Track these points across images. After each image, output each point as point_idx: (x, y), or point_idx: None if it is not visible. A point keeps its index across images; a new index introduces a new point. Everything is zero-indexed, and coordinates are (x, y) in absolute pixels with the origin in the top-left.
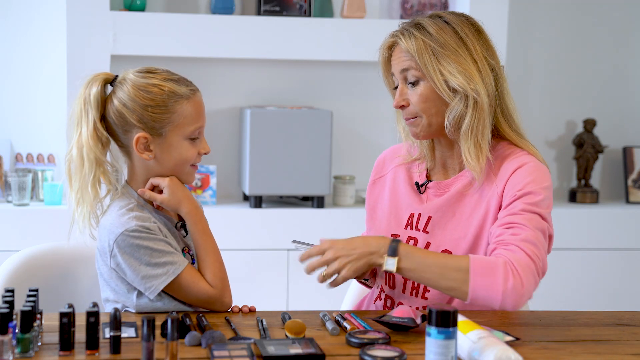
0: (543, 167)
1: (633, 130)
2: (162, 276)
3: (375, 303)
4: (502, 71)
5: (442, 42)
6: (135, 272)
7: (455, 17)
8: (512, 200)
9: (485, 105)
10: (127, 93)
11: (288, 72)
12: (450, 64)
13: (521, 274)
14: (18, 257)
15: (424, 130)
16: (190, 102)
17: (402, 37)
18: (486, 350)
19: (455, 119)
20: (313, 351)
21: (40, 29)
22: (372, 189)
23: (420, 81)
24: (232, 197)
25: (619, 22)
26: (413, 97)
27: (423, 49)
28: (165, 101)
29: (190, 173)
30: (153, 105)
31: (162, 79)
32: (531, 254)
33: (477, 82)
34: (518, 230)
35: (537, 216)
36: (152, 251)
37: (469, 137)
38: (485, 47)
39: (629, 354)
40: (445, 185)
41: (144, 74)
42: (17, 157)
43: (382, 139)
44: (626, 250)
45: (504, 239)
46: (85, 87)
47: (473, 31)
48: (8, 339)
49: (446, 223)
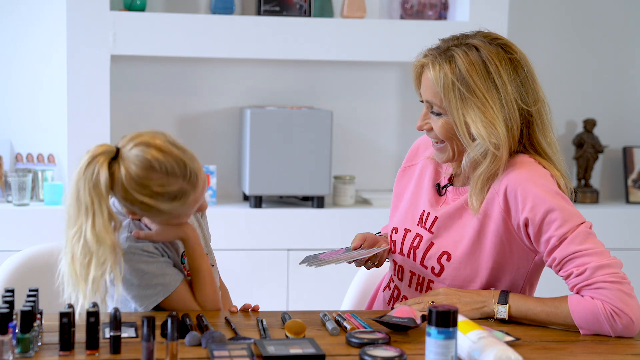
0: (538, 172)
1: (633, 130)
2: (153, 296)
3: (384, 292)
4: (542, 107)
5: (471, 85)
6: (128, 289)
7: (493, 48)
8: (538, 229)
9: (504, 155)
10: (134, 180)
11: (288, 72)
12: (475, 111)
13: (624, 309)
14: (18, 257)
15: (448, 157)
16: (195, 192)
17: (432, 66)
18: (486, 350)
19: (472, 161)
20: (313, 351)
21: (40, 29)
22: (402, 176)
23: (443, 115)
24: (232, 197)
25: (619, 22)
26: (435, 126)
27: (450, 89)
28: (173, 205)
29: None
30: (159, 211)
31: (169, 166)
32: (614, 278)
33: (500, 134)
34: (579, 260)
35: (573, 228)
36: (143, 274)
37: (479, 181)
38: (519, 88)
39: (629, 354)
40: (462, 191)
41: (147, 156)
42: (17, 157)
43: (382, 139)
44: (626, 250)
45: (579, 280)
46: (87, 169)
47: (510, 70)
48: (8, 339)
49: (451, 226)
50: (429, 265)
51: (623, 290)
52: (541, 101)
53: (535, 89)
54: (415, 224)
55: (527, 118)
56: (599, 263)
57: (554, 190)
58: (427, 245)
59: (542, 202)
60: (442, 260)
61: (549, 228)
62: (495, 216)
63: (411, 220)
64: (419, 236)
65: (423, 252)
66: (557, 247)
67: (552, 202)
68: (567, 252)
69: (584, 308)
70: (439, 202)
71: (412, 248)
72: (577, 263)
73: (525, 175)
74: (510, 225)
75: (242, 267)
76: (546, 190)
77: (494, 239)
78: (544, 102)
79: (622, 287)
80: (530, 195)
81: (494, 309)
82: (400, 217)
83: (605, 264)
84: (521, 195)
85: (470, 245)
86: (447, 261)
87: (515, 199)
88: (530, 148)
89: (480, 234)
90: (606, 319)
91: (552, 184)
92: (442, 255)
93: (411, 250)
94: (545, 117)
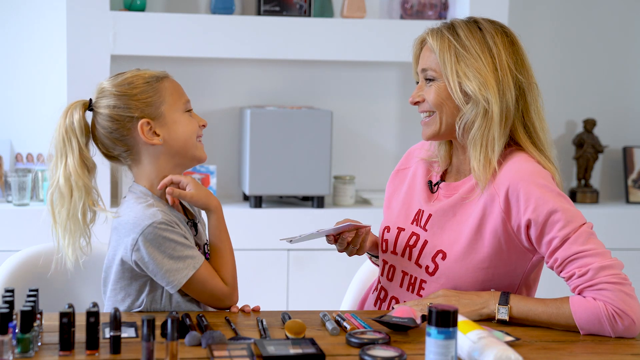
0: (539, 172)
1: (633, 130)
2: (184, 270)
3: (372, 294)
4: (535, 89)
5: (467, 45)
6: (159, 265)
7: (491, 25)
8: (541, 230)
9: (496, 116)
10: (111, 96)
11: (288, 72)
12: (469, 67)
13: (626, 310)
14: (18, 257)
15: (434, 131)
16: (169, 80)
17: (431, 34)
18: (486, 350)
19: (465, 124)
20: (313, 351)
21: (41, 29)
22: (394, 178)
23: (437, 79)
24: (232, 197)
25: (619, 22)
26: (428, 94)
27: (446, 48)
28: (149, 84)
29: (200, 147)
30: (140, 92)
31: (134, 72)
32: (616, 279)
33: (491, 91)
34: (581, 261)
35: (576, 229)
36: (175, 244)
37: (478, 146)
38: (514, 59)
39: (629, 354)
40: (454, 187)
41: (116, 76)
42: (17, 157)
43: (382, 139)
44: (626, 250)
45: (582, 281)
46: (64, 117)
47: (505, 42)
48: (8, 339)
49: (445, 224)
50: (423, 264)
51: (624, 291)
52: (534, 83)
53: (527, 68)
54: (409, 223)
55: (521, 88)
56: (602, 264)
57: (556, 190)
58: (422, 243)
59: (545, 203)
60: (437, 259)
61: (552, 229)
62: (494, 216)
63: (404, 219)
64: (415, 235)
65: (418, 251)
66: (559, 248)
67: (554, 203)
68: (569, 253)
69: (586, 309)
70: (432, 198)
71: (408, 247)
72: (580, 264)
73: (527, 175)
74: (509, 226)
75: (242, 267)
76: (548, 191)
77: (491, 239)
78: (537, 86)
79: (623, 288)
80: (532, 197)
81: (495, 310)
82: (393, 217)
83: (607, 265)
84: (523, 197)
85: (467, 245)
86: (442, 260)
87: (517, 200)
88: (524, 132)
89: (477, 234)
90: (608, 320)
91: (553, 184)
92: (437, 254)
93: (406, 249)
94: (540, 100)
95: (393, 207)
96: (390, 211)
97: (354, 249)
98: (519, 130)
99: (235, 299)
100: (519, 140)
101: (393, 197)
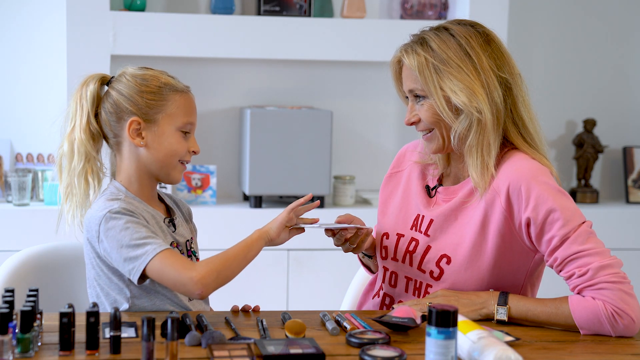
0: (539, 169)
1: (633, 130)
2: (142, 257)
3: (373, 299)
4: (519, 79)
5: (444, 57)
6: (119, 253)
7: (463, 27)
8: (540, 229)
9: (489, 122)
10: (125, 83)
11: (288, 72)
12: (452, 81)
13: (626, 309)
14: (18, 257)
15: (438, 146)
16: (184, 96)
17: (406, 54)
18: (486, 350)
19: (459, 137)
20: (313, 351)
21: (41, 29)
22: (388, 182)
23: (426, 98)
24: (232, 197)
25: (619, 22)
26: (422, 113)
27: (424, 66)
28: (161, 89)
29: (178, 169)
30: (148, 92)
31: (159, 72)
32: (615, 279)
33: (481, 99)
34: (580, 260)
35: (575, 228)
36: (132, 232)
37: (474, 153)
38: (493, 58)
39: (629, 354)
40: (452, 191)
41: (142, 67)
42: (17, 157)
43: (382, 139)
44: (626, 250)
45: (581, 281)
46: (81, 85)
47: (480, 42)
48: (8, 339)
49: (447, 228)
50: (427, 270)
51: (624, 290)
52: (517, 74)
53: (508, 62)
54: (408, 228)
55: (507, 85)
56: (601, 263)
57: (556, 187)
58: (425, 248)
59: (545, 201)
60: (442, 263)
61: (551, 228)
62: (496, 216)
63: (403, 225)
64: (415, 240)
65: (420, 256)
66: (559, 247)
67: (554, 201)
68: (569, 252)
69: (585, 308)
70: (431, 203)
71: (408, 253)
72: (579, 264)
73: (527, 173)
74: (512, 225)
75: None
76: (548, 188)
77: (495, 239)
78: (520, 75)
79: (623, 287)
80: (533, 194)
81: (493, 310)
82: (390, 223)
83: (607, 264)
84: (524, 194)
85: (472, 248)
86: (447, 264)
87: (518, 198)
88: (515, 129)
89: (481, 235)
90: (607, 319)
91: (553, 181)
92: (441, 259)
93: (407, 255)
94: (526, 91)
95: (389, 213)
96: (386, 217)
97: (351, 247)
98: (510, 128)
99: (199, 290)
100: (511, 139)
101: (388, 203)
